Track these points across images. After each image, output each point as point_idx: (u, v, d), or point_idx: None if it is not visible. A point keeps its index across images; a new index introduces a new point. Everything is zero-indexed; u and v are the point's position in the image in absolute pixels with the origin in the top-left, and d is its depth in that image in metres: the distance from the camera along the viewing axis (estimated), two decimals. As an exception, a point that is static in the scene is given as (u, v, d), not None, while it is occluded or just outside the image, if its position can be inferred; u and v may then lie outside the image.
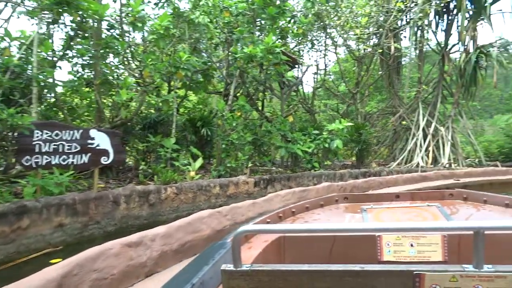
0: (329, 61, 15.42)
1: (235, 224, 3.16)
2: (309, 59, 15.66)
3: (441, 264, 1.19)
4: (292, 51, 12.91)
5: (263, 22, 9.81)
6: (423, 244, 1.64)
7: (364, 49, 13.63)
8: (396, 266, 1.07)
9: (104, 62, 7.28)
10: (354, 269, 1.07)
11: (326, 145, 10.73)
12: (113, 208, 5.80)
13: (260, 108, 12.45)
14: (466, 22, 14.97)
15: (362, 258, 1.32)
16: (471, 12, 15.15)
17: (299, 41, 13.13)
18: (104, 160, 6.00)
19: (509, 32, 47.18)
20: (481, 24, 15.27)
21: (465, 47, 15.21)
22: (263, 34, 9.81)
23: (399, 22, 14.77)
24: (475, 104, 18.23)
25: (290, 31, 10.44)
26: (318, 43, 14.23)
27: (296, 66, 12.87)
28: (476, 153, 16.13)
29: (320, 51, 14.89)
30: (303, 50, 14.31)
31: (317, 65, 15.25)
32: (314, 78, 15.57)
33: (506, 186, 9.16)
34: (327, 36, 14.00)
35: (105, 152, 6.09)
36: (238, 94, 10.77)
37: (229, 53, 9.07)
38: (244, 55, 8.19)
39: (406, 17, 14.55)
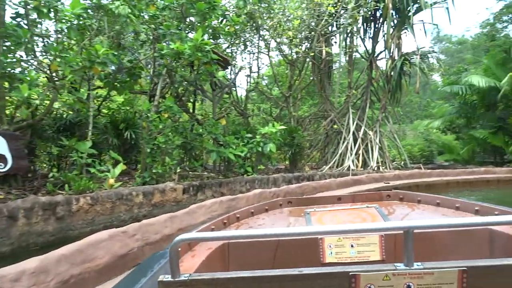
0: (263, 64, 15.08)
1: (146, 246, 2.58)
2: (242, 61, 15.40)
3: (377, 264, 1.18)
4: (225, 52, 12.47)
5: (193, 19, 9.25)
6: (362, 244, 1.70)
7: (297, 53, 13.58)
8: (333, 268, 1.08)
9: (4, 53, 6.23)
10: (293, 273, 1.07)
11: (259, 149, 10.42)
12: (9, 224, 4.88)
13: (191, 110, 11.81)
14: (391, 30, 15.64)
15: (306, 261, 1.30)
16: (395, 21, 15.89)
17: (232, 42, 12.73)
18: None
19: (430, 41, 51.14)
20: (405, 33, 16.09)
21: (391, 54, 15.89)
22: (194, 33, 9.26)
23: (330, 28, 15.02)
24: (398, 110, 19.22)
25: (222, 31, 9.97)
26: (251, 45, 13.94)
27: (229, 67, 12.44)
28: (401, 156, 16.88)
29: (253, 53, 14.63)
30: (236, 52, 13.94)
31: (250, 68, 14.95)
32: (247, 80, 15.26)
33: (431, 187, 9.52)
34: (260, 38, 13.76)
35: (0, 158, 5.14)
36: (167, 95, 10.07)
37: (155, 50, 8.36)
38: (170, 52, 7.55)
39: (337, 22, 14.81)
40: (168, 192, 7.44)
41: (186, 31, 9.04)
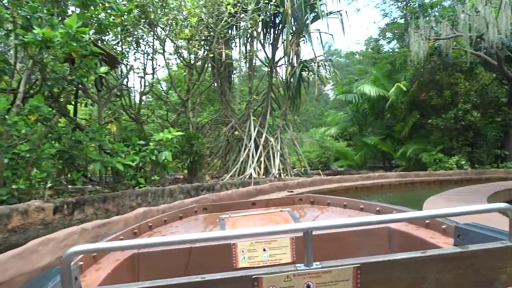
0: (159, 65, 13.85)
1: None
2: (135, 61, 14.01)
3: (284, 266, 1.13)
4: (114, 50, 11.08)
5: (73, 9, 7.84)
6: (274, 248, 1.75)
7: (195, 53, 12.73)
8: (235, 273, 1.08)
9: None
10: (195, 280, 1.06)
11: (153, 158, 9.31)
12: None
13: (72, 113, 10.16)
14: (290, 37, 15.73)
15: (219, 268, 1.23)
16: (294, 28, 16.06)
17: (122, 39, 11.38)
18: None
19: (323, 55, 54.42)
20: (303, 40, 16.38)
21: (290, 61, 15.98)
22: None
23: (230, 31, 14.52)
24: (296, 118, 19.58)
25: (109, 24, 8.67)
26: (145, 44, 12.71)
27: (117, 66, 11.05)
28: (301, 162, 17.03)
29: (148, 53, 13.38)
30: (127, 51, 12.58)
31: (144, 68, 13.64)
32: (141, 83, 13.89)
33: (332, 194, 9.37)
34: (155, 37, 12.62)
35: None
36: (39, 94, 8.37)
37: (16, 37, 6.76)
38: (35, 39, 6.10)
39: (237, 25, 14.38)
40: (33, 213, 5.94)
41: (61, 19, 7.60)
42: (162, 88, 16.10)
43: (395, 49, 22.19)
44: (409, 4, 21.43)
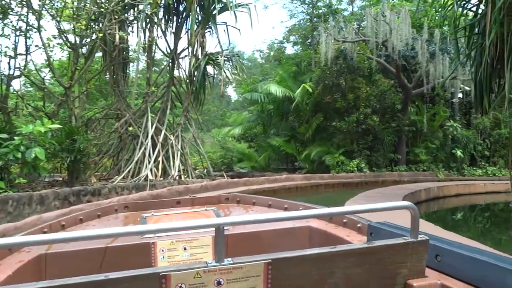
0: (36, 46, 11.27)
1: None
2: (1, 36, 11.11)
3: (195, 263, 1.13)
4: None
5: None
6: (195, 246, 1.73)
7: (80, 29, 10.58)
8: (142, 270, 1.02)
9: None
10: (98, 279, 0.98)
11: (19, 155, 7.26)
12: None
13: None
14: (195, 26, 14.35)
15: (137, 268, 1.09)
16: (200, 18, 14.72)
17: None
18: None
19: (234, 43, 53.51)
20: (209, 31, 15.14)
21: (194, 53, 14.60)
22: None
23: (126, 14, 12.64)
24: (199, 116, 18.19)
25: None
26: (17, 19, 10.21)
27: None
28: (203, 163, 15.74)
29: (20, 29, 10.81)
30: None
31: (14, 47, 11.00)
32: (9, 65, 11.17)
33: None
34: (30, 11, 10.21)
35: None
36: None
37: None
38: None
39: (135, 7, 12.55)
40: None
41: None
42: (45, 73, 13.41)
43: (298, 51, 22.22)
44: (315, 7, 21.63)
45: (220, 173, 15.39)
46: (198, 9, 14.44)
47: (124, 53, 14.20)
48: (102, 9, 10.62)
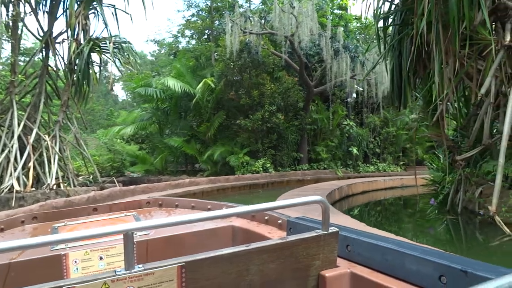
0: None
1: None
2: None
3: (103, 272, 1.03)
4: None
5: None
6: (113, 255, 1.61)
7: None
8: (44, 285, 0.93)
9: None
10: None
11: None
12: None
13: None
14: (76, 5, 11.97)
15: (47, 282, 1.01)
16: (82, -4, 12.31)
17: None
18: None
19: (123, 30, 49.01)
20: (93, 12, 12.82)
21: (76, 37, 12.17)
22: None
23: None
24: (79, 116, 15.41)
25: None
26: None
27: None
28: (88, 168, 13.32)
29: None
30: None
31: None
32: None
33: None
34: None
35: None
36: None
37: None
38: None
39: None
40: None
41: None
42: None
43: (196, 45, 20.66)
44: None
45: (110, 179, 13.18)
46: (79, -14, 12.08)
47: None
48: None
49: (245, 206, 1.33)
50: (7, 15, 11.12)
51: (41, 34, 12.33)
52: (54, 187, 10.30)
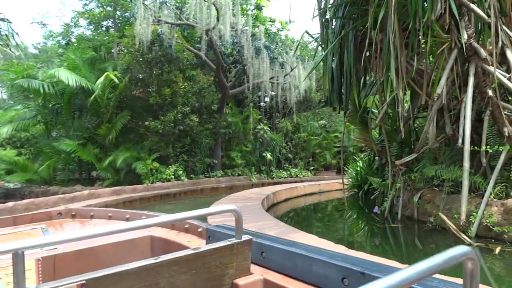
0: None
1: None
2: None
3: None
4: None
5: None
6: (12, 273, 1.30)
7: None
8: None
9: None
10: None
11: None
12: None
13: None
14: None
15: None
16: None
17: None
18: None
19: None
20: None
21: None
22: None
23: None
24: None
25: None
26: None
27: None
28: None
29: None
30: None
31: None
32: None
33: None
34: None
35: None
36: None
37: None
38: None
39: None
40: None
41: None
42: None
43: (93, 35, 17.91)
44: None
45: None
46: None
47: None
48: None
49: (163, 216, 1.26)
50: None
51: None
52: None
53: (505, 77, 6.01)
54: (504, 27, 6.27)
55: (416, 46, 6.14)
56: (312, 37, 9.33)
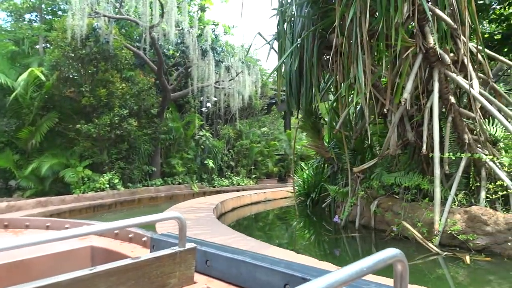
0: None
1: None
2: None
3: None
4: None
5: None
6: None
7: None
8: None
9: None
10: None
11: None
12: None
13: None
14: None
15: None
16: None
17: None
18: None
19: None
20: None
21: None
22: None
23: None
24: None
25: None
26: None
27: None
28: None
29: None
30: None
31: None
32: None
33: None
34: None
35: None
36: None
37: None
38: None
39: None
40: None
41: None
42: None
43: (16, 26, 15.84)
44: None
45: None
46: None
47: None
48: None
49: (103, 224, 1.18)
50: None
51: None
52: None
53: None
54: (462, 36, 6.33)
55: (383, 50, 5.95)
56: (265, 40, 8.90)
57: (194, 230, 5.67)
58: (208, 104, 18.08)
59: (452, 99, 5.88)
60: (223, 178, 18.55)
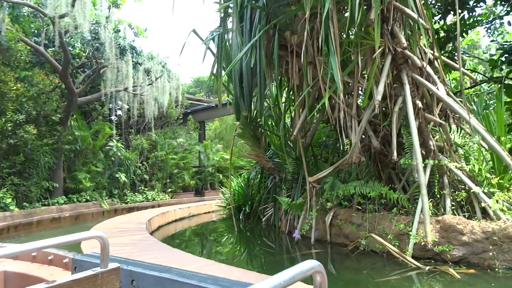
0: None
1: None
2: None
3: None
4: None
5: None
6: None
7: None
8: None
9: None
10: None
11: None
12: None
13: None
14: None
15: None
16: None
17: None
18: None
19: None
20: None
21: None
22: None
23: None
24: None
25: None
26: None
27: None
28: None
29: None
30: None
31: None
32: None
33: None
34: None
35: None
36: None
37: None
38: None
39: None
40: None
41: None
42: None
43: None
44: None
45: None
46: None
47: None
48: None
49: (15, 246, 1.08)
50: None
51: None
52: None
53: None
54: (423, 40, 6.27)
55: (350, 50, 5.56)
56: (201, 38, 8.03)
57: (145, 258, 4.51)
58: (119, 112, 16.36)
59: (420, 104, 5.69)
60: (136, 193, 16.83)
